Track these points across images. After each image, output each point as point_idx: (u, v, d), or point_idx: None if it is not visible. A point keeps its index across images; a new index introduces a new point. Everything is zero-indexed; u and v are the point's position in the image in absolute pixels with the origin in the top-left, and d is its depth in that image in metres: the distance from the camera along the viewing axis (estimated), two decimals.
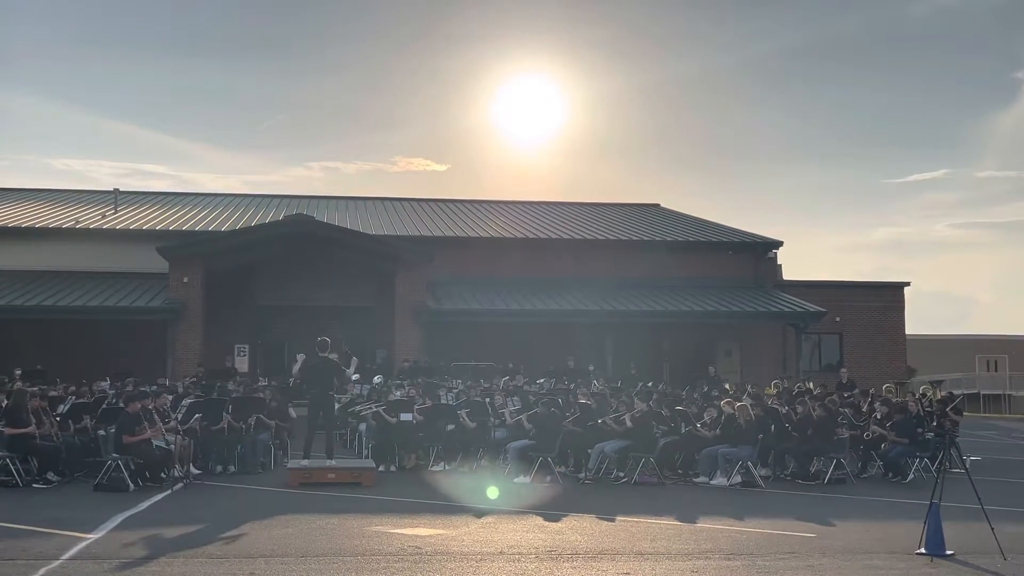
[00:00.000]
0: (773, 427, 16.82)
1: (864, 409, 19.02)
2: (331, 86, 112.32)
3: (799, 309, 29.61)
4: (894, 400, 19.10)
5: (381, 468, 16.28)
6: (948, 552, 9.82)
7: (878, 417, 17.71)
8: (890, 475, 16.68)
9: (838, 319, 31.87)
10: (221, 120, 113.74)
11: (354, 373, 17.17)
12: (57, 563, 8.95)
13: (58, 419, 15.79)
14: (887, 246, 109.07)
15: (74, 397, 18.18)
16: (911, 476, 16.35)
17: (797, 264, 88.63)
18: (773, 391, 21.85)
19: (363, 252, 28.54)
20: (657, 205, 41.46)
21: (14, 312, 26.13)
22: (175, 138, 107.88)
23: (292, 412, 18.86)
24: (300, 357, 16.03)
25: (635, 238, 33.17)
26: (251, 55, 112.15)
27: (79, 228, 30.10)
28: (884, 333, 33.04)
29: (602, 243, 32.34)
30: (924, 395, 20.32)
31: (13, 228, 29.95)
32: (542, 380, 23.25)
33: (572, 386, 21.77)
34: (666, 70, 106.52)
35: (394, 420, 17.42)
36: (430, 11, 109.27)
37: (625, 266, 31.12)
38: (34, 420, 14.79)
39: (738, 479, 15.41)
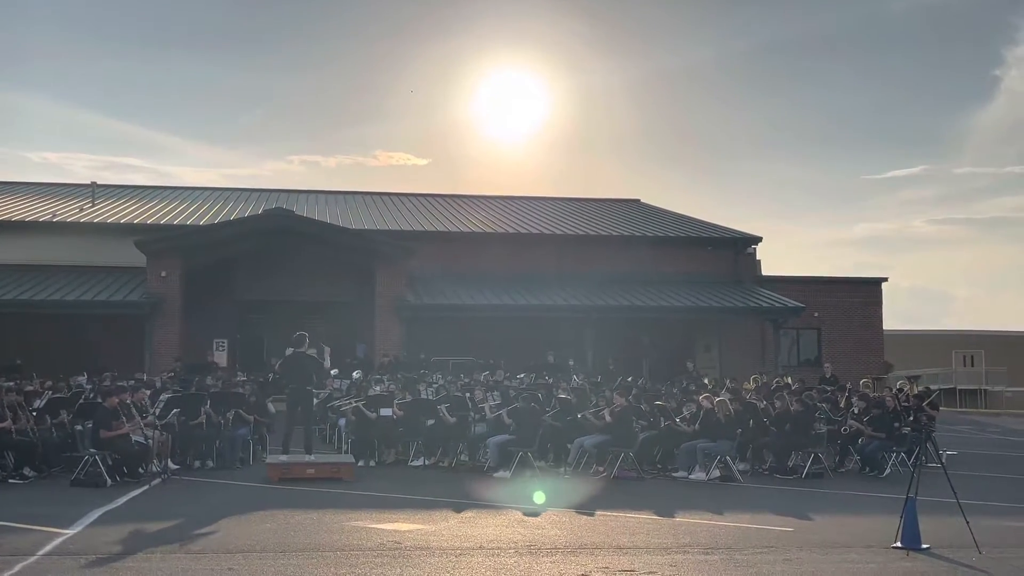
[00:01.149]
0: (751, 422, 16.93)
1: (841, 404, 19.15)
2: (311, 79, 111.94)
3: (778, 304, 29.75)
4: (871, 395, 19.21)
5: (361, 463, 16.26)
6: (924, 546, 9.91)
7: (855, 412, 17.81)
8: (867, 469, 16.79)
9: (816, 314, 32.05)
10: (200, 113, 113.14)
11: (331, 368, 17.13)
12: (34, 559, 8.89)
13: (35, 414, 15.68)
14: (865, 242, 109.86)
15: (51, 392, 18.08)
16: (888, 471, 16.47)
17: (776, 260, 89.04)
18: (751, 386, 21.96)
19: (343, 247, 28.46)
20: (638, 200, 41.54)
21: None
22: (153, 131, 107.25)
23: (271, 407, 18.81)
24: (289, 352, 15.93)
25: (615, 233, 33.23)
26: (231, 48, 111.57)
27: (56, 222, 29.85)
28: (862, 328, 33.25)
29: (583, 238, 32.38)
30: (901, 390, 20.45)
31: None
32: (522, 375, 23.26)
33: (552, 381, 21.79)
34: (648, 65, 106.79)
35: (374, 415, 17.40)
36: (411, 4, 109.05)
37: (606, 261, 31.16)
38: (10, 415, 14.68)
39: (716, 473, 15.48)
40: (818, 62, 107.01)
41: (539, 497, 13.06)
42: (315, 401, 17.24)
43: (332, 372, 17.60)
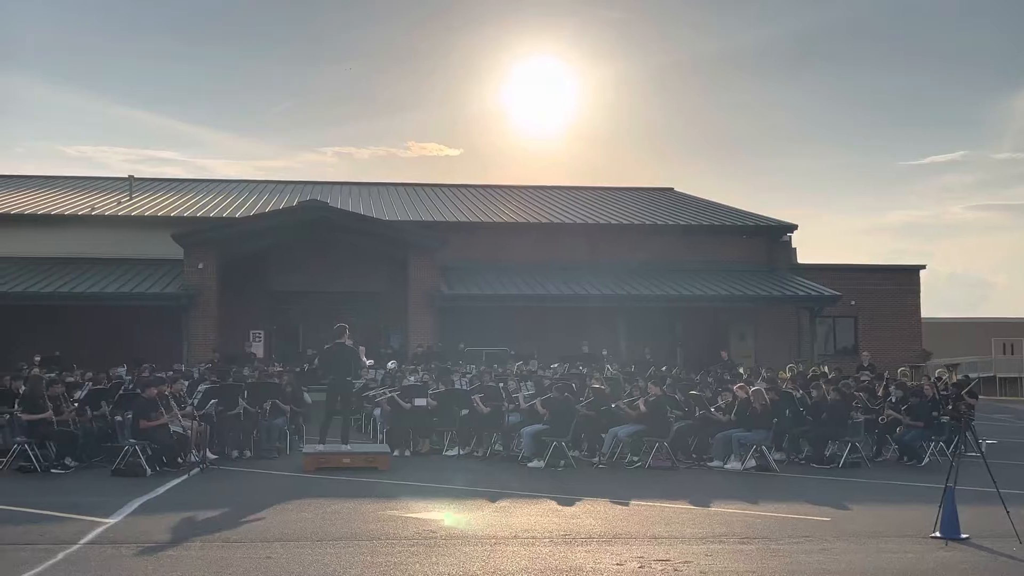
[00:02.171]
0: (787, 411, 16.80)
1: (879, 393, 18.98)
2: (344, 70, 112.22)
3: (814, 293, 29.50)
4: (909, 384, 19.03)
5: (395, 453, 16.36)
6: (963, 536, 9.81)
7: (893, 401, 17.67)
8: (905, 459, 16.65)
9: (853, 302, 31.73)
10: (234, 106, 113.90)
11: (368, 360, 17.22)
12: (75, 547, 9.03)
13: (76, 405, 15.92)
14: (903, 229, 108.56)
15: (91, 383, 18.32)
16: (926, 460, 16.32)
17: (812, 247, 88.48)
18: (787, 375, 21.81)
19: (376, 237, 28.58)
20: (671, 189, 41.33)
21: (31, 299, 26.28)
22: (189, 124, 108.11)
23: (307, 397, 18.95)
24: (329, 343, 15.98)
25: (648, 222, 33.09)
26: (264, 41, 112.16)
27: (94, 215, 30.20)
28: (900, 316, 32.87)
29: (615, 227, 32.27)
30: (939, 378, 20.23)
31: (29, 215, 30.10)
32: (556, 365, 23.26)
33: (586, 371, 21.78)
34: (680, 52, 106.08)
35: (408, 405, 17.49)
36: None
37: (638, 250, 31.05)
38: (51, 406, 14.92)
39: (752, 463, 15.41)
40: (854, 47, 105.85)
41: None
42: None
43: (368, 363, 17.66)
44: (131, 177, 35.16)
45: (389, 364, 22.02)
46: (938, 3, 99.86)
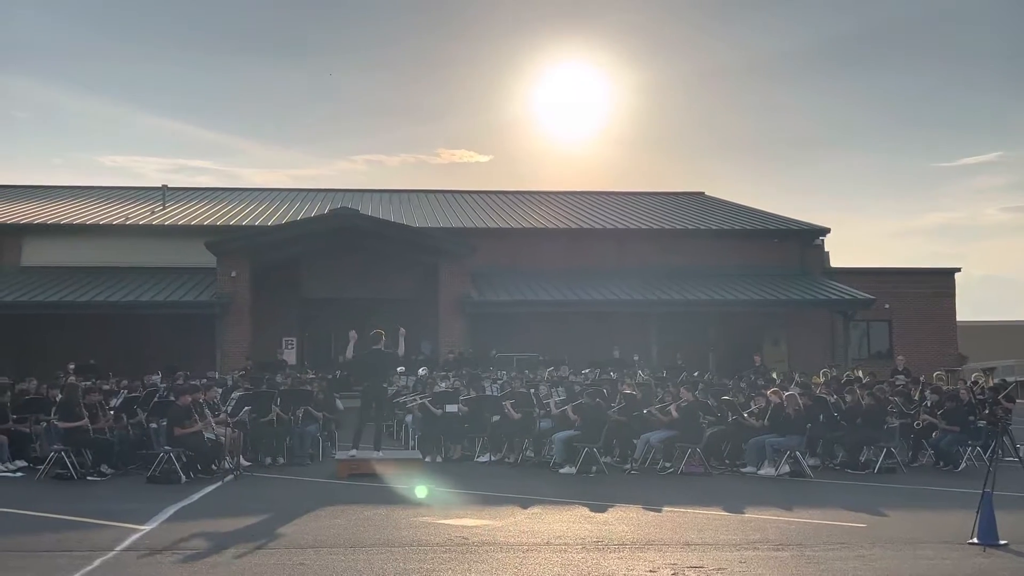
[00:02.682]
0: (822, 416, 16.66)
1: (914, 397, 18.78)
2: (374, 79, 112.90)
3: (847, 296, 29.26)
4: (945, 388, 18.82)
5: (427, 459, 16.38)
6: (1001, 542, 9.66)
7: (928, 405, 17.48)
8: (941, 464, 16.47)
9: (887, 306, 31.43)
10: (266, 115, 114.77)
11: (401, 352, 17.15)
12: (112, 554, 9.12)
13: (111, 413, 16.09)
14: (937, 231, 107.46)
15: (126, 391, 18.50)
16: (963, 465, 16.12)
17: (845, 251, 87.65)
18: (821, 380, 21.62)
19: (406, 244, 28.68)
20: (701, 193, 41.17)
21: (67, 307, 26.61)
22: (221, 134, 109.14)
23: (339, 404, 19.04)
24: (352, 335, 15.99)
25: (679, 227, 32.96)
26: (296, 51, 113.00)
27: (129, 224, 30.59)
28: (934, 320, 32.52)
29: (646, 232, 32.17)
30: (976, 382, 20.00)
31: (65, 225, 30.51)
32: (587, 370, 23.21)
33: (617, 376, 21.71)
34: (710, 57, 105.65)
35: (439, 412, 17.53)
36: (471, 2, 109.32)
37: (669, 255, 30.96)
38: (87, 414, 15.07)
39: (786, 469, 15.29)
40: (886, 50, 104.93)
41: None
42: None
43: (399, 369, 17.73)
44: (164, 187, 35.60)
45: (420, 370, 22.08)
46: (969, 4, 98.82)
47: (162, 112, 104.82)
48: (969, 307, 79.83)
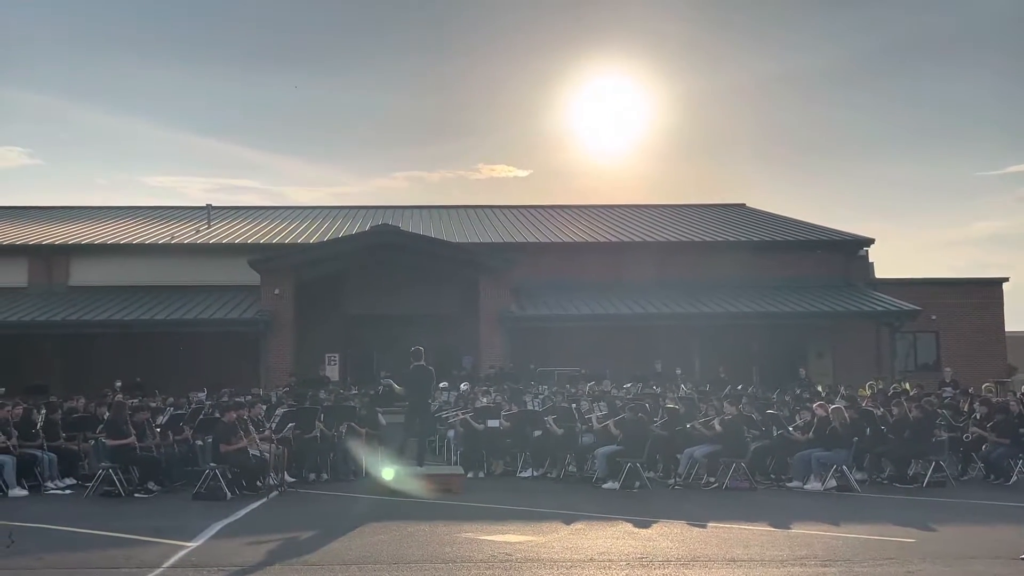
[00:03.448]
0: (868, 429, 16.45)
1: (963, 409, 18.47)
2: (413, 96, 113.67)
3: (893, 308, 28.87)
4: (994, 400, 18.50)
5: (470, 475, 16.37)
6: None
7: (978, 417, 17.19)
8: (992, 477, 16.19)
9: (934, 317, 30.98)
10: (307, 133, 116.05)
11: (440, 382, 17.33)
12: (159, 570, 9.22)
13: (158, 430, 16.28)
14: (984, 240, 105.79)
15: (172, 408, 18.71)
16: (1014, 478, 15.85)
17: (889, 262, 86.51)
18: (867, 392, 21.35)
19: (446, 260, 28.78)
20: (743, 205, 40.90)
21: (114, 326, 27.01)
22: (264, 152, 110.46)
23: (382, 419, 19.11)
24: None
25: (720, 239, 32.73)
26: (338, 69, 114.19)
27: (174, 243, 31.02)
28: (982, 331, 31.98)
29: (686, 245, 31.98)
30: None
31: (112, 245, 30.98)
32: (629, 385, 23.10)
33: (659, 391, 21.59)
34: (750, 68, 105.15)
35: (481, 427, 17.53)
36: (508, 15, 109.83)
37: (711, 267, 30.77)
38: (134, 432, 15.27)
39: (833, 483, 15.11)
40: (928, 58, 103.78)
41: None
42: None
43: (440, 384, 17.79)
44: (209, 206, 36.09)
45: (462, 386, 22.11)
46: (1011, 9, 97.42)
47: (205, 132, 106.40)
48: (1018, 317, 78.28)
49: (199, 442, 15.72)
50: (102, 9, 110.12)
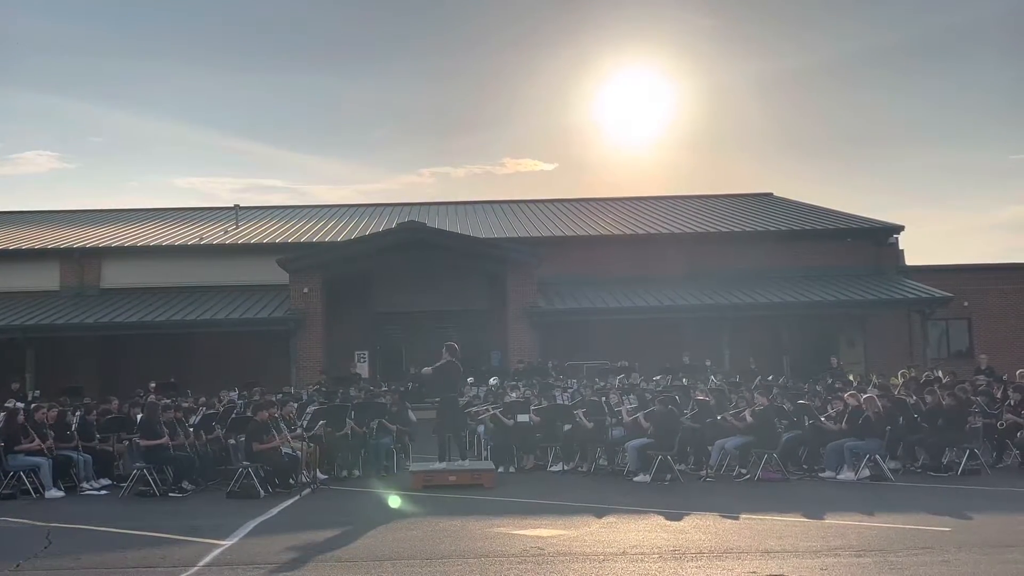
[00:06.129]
0: (901, 418, 16.32)
1: (998, 396, 18.27)
2: (438, 91, 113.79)
3: (924, 295, 28.60)
4: None
5: (500, 469, 16.41)
6: None
7: (1012, 404, 16.99)
8: None
9: (966, 304, 30.67)
10: (333, 131, 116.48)
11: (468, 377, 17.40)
12: (195, 569, 9.30)
13: (191, 429, 16.43)
14: (1016, 225, 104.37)
15: (205, 408, 18.88)
16: None
17: (920, 248, 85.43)
18: (900, 381, 21.16)
19: (474, 255, 28.83)
20: (770, 194, 40.63)
21: (146, 327, 27.30)
22: (291, 152, 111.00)
23: (412, 416, 19.18)
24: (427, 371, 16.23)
25: (748, 229, 32.54)
26: (358, 65, 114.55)
27: (203, 244, 31.28)
28: (1016, 316, 31.63)
29: (714, 235, 31.83)
30: None
31: (142, 247, 31.30)
32: (658, 377, 23.03)
33: (689, 382, 21.50)
34: (776, 59, 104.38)
35: (511, 422, 17.55)
36: (533, 11, 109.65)
37: (739, 258, 30.64)
38: (167, 431, 15.43)
39: (866, 473, 15.00)
40: (953, 46, 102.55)
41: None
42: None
43: (468, 380, 17.84)
44: (237, 206, 36.36)
45: (491, 380, 22.13)
46: None
47: (232, 132, 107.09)
48: None
49: (232, 441, 15.85)
50: (132, 14, 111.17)
